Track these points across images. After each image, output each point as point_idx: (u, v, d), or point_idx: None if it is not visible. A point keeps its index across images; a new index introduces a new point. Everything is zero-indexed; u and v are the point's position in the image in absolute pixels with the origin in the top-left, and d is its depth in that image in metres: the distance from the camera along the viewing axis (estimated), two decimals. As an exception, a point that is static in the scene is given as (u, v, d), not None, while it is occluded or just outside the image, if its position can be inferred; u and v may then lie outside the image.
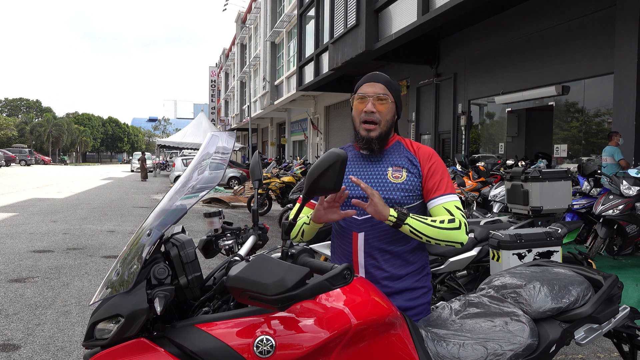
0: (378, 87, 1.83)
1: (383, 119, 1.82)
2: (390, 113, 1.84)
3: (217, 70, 54.60)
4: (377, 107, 1.81)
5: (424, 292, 1.85)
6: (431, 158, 1.83)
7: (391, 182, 1.80)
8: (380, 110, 1.81)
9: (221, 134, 1.88)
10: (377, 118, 1.81)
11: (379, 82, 1.84)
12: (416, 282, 1.82)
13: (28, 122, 66.96)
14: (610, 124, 7.40)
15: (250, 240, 1.65)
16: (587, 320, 1.75)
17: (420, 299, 1.83)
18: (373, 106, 1.81)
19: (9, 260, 6.32)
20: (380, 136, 1.83)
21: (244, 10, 36.20)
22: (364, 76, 1.90)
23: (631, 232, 5.57)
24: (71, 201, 14.20)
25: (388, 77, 1.88)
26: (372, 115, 1.81)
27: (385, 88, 1.83)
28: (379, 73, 1.89)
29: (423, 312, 1.83)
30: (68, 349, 3.58)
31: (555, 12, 8.53)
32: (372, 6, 11.13)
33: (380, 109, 1.81)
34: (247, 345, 1.28)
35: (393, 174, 1.81)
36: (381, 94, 1.81)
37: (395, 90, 1.86)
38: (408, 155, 1.85)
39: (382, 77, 1.86)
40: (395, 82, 1.90)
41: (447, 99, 12.13)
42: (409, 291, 1.79)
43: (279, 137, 31.76)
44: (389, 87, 1.84)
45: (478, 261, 3.71)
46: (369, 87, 1.83)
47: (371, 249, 1.80)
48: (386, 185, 1.80)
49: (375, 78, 1.85)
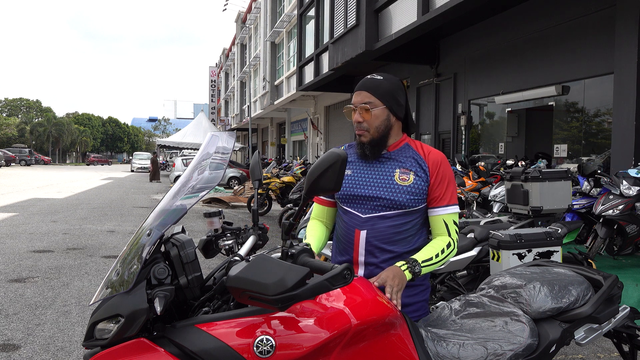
0: (363, 95, 1.83)
1: (371, 126, 1.82)
2: (379, 119, 1.82)
3: (217, 70, 54.60)
4: (363, 115, 1.82)
5: (422, 290, 1.88)
6: (441, 165, 1.84)
7: (398, 184, 1.81)
8: (366, 119, 1.82)
9: (221, 134, 1.88)
10: (365, 126, 1.83)
11: (364, 89, 1.84)
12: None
13: (28, 122, 66.92)
14: (610, 124, 7.39)
15: (250, 240, 1.65)
16: (587, 320, 1.75)
17: (418, 296, 1.86)
18: (359, 115, 1.83)
19: (9, 260, 6.32)
20: (372, 141, 1.84)
21: (244, 10, 36.20)
22: (359, 82, 1.90)
23: (631, 232, 5.57)
24: (71, 201, 14.20)
25: (378, 79, 1.84)
26: (360, 125, 1.83)
27: (371, 95, 1.82)
28: (367, 78, 1.86)
29: (421, 309, 1.86)
30: (68, 349, 3.58)
31: (555, 12, 8.53)
32: (372, 6, 11.13)
33: (366, 117, 1.82)
34: (247, 345, 1.28)
35: (400, 176, 1.82)
36: (365, 102, 1.81)
37: (385, 93, 1.82)
38: (417, 158, 1.85)
39: (367, 83, 1.84)
40: (387, 83, 1.83)
41: (447, 99, 12.13)
42: (406, 288, 1.80)
43: (279, 137, 31.75)
44: (375, 92, 1.82)
45: (478, 261, 3.71)
46: (356, 97, 1.85)
47: (372, 247, 1.81)
48: (393, 187, 1.81)
49: (361, 86, 1.85)
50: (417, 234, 1.85)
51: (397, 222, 1.81)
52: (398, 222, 1.81)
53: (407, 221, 1.82)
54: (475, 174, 8.71)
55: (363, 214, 1.83)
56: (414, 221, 1.84)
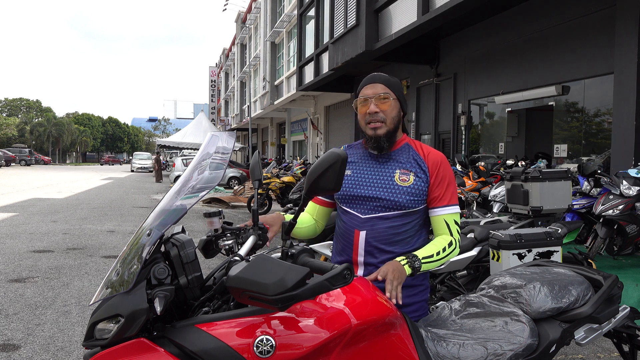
0: (378, 87, 1.84)
1: (388, 116, 1.83)
2: (395, 110, 1.85)
3: (217, 70, 54.59)
4: (380, 106, 1.82)
5: (421, 290, 1.88)
6: (440, 165, 1.84)
7: (398, 184, 1.81)
8: (384, 109, 1.83)
9: (221, 134, 1.88)
10: (382, 117, 1.83)
11: (378, 82, 1.85)
12: (413, 279, 1.84)
13: (28, 122, 66.93)
14: (610, 124, 7.39)
15: (250, 240, 1.64)
16: (587, 320, 1.75)
17: (417, 296, 1.86)
18: (376, 106, 1.82)
19: (9, 260, 6.32)
20: (388, 133, 1.84)
21: (244, 10, 36.20)
22: (363, 79, 1.91)
23: (631, 232, 5.57)
24: (71, 201, 14.20)
25: (387, 75, 1.89)
26: (376, 115, 1.82)
27: (385, 87, 1.84)
28: (377, 74, 1.90)
29: (420, 309, 1.86)
30: (68, 349, 3.58)
31: (555, 12, 8.53)
32: (372, 6, 11.13)
33: (383, 107, 1.83)
34: (247, 345, 1.28)
35: (400, 176, 1.82)
36: (382, 93, 1.82)
37: (396, 88, 1.87)
38: (417, 158, 1.86)
39: (380, 77, 1.87)
40: (395, 80, 1.90)
41: (447, 99, 12.13)
42: (405, 288, 1.80)
43: (279, 137, 31.74)
44: (389, 85, 1.85)
45: (478, 261, 3.71)
46: (369, 89, 1.85)
47: (371, 248, 1.82)
48: (393, 188, 1.81)
49: (374, 79, 1.87)
50: (417, 235, 1.85)
51: (397, 222, 1.81)
52: (397, 223, 1.81)
53: (406, 222, 1.82)
54: (475, 174, 8.71)
55: (362, 215, 1.83)
56: (414, 222, 1.84)
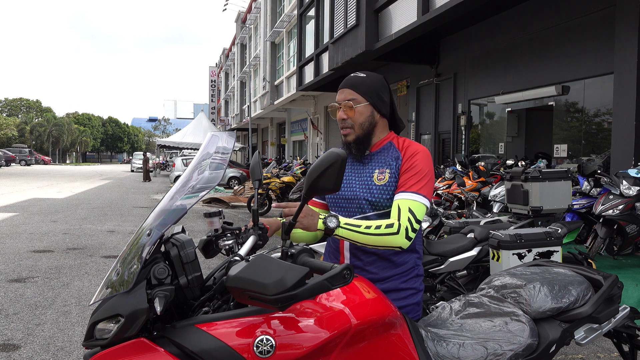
0: (346, 92, 1.82)
1: (355, 122, 1.80)
2: (363, 115, 1.80)
3: (217, 70, 54.59)
4: (347, 112, 1.80)
5: (411, 294, 1.83)
6: (414, 156, 1.77)
7: (375, 184, 1.79)
8: (350, 116, 1.80)
9: (221, 134, 1.88)
10: (350, 123, 1.81)
11: (347, 87, 1.82)
12: (402, 283, 1.80)
13: (28, 122, 66.93)
14: (610, 124, 7.39)
15: (250, 240, 1.64)
16: (587, 320, 1.75)
17: (407, 299, 1.81)
18: (343, 112, 1.81)
19: (9, 260, 6.32)
20: (358, 139, 1.82)
21: (244, 10, 36.20)
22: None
23: (631, 232, 5.57)
24: (71, 201, 14.20)
25: (361, 77, 1.83)
26: (344, 122, 1.81)
27: (353, 92, 1.80)
28: (350, 76, 1.85)
29: (411, 312, 1.82)
30: (68, 349, 3.58)
31: (555, 12, 8.53)
32: (372, 6, 11.13)
33: (350, 114, 1.80)
34: (247, 345, 1.28)
35: (378, 176, 1.80)
36: (348, 99, 1.80)
37: (367, 90, 1.80)
38: (397, 155, 1.81)
39: (350, 80, 1.83)
40: (371, 81, 1.82)
41: (447, 99, 12.13)
42: (394, 292, 1.78)
43: (279, 137, 31.75)
44: (357, 89, 1.80)
45: (478, 261, 3.71)
46: (339, 95, 1.84)
47: (357, 250, 1.81)
48: (370, 188, 1.79)
49: (344, 84, 1.84)
50: None
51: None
52: None
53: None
54: (475, 174, 8.71)
55: (345, 217, 1.80)
56: None
